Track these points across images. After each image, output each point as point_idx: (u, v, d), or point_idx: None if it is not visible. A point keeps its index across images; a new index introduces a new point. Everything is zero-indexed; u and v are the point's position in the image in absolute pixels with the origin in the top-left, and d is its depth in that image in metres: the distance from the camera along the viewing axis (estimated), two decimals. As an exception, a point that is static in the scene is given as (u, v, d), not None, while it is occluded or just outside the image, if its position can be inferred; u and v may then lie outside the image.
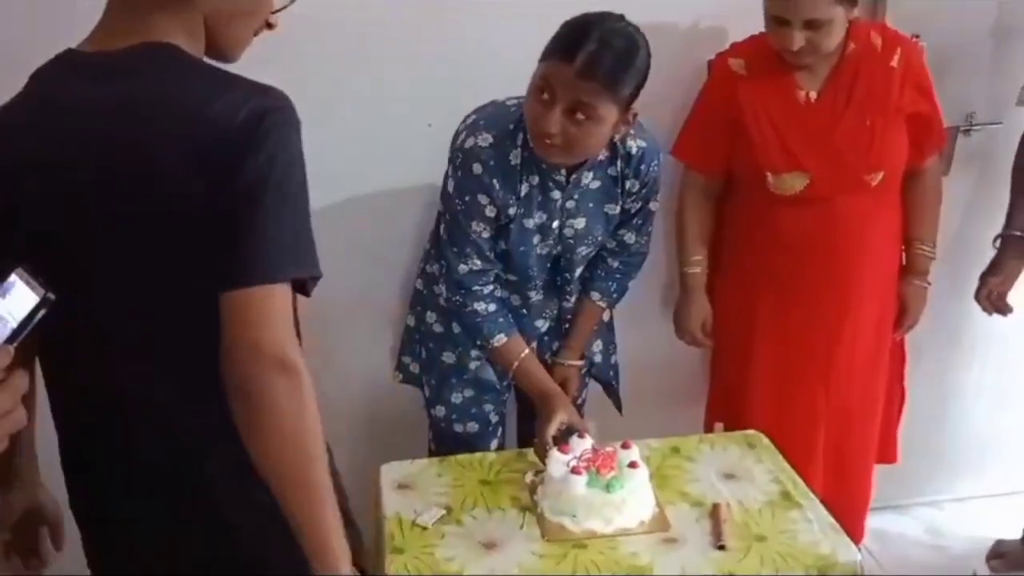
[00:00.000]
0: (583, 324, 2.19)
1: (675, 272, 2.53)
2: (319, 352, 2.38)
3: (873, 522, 2.60)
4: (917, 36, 2.27)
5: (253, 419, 1.21)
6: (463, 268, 1.98)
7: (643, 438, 2.00)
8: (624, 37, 1.78)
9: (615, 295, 2.19)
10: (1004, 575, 2.70)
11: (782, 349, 2.35)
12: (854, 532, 2.40)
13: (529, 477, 1.92)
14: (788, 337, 2.34)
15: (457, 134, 1.95)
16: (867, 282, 2.32)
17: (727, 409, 2.48)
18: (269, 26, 1.41)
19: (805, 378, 2.36)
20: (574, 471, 1.78)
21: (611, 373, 2.34)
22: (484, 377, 2.15)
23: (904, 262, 2.40)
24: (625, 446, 1.86)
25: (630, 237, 2.13)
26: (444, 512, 1.82)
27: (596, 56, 1.72)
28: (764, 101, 2.21)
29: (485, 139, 1.87)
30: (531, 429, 2.08)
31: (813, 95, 2.19)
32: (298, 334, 1.30)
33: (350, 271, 2.43)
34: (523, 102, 1.86)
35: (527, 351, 2.05)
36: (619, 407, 2.35)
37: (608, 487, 1.76)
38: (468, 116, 1.96)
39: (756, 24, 2.17)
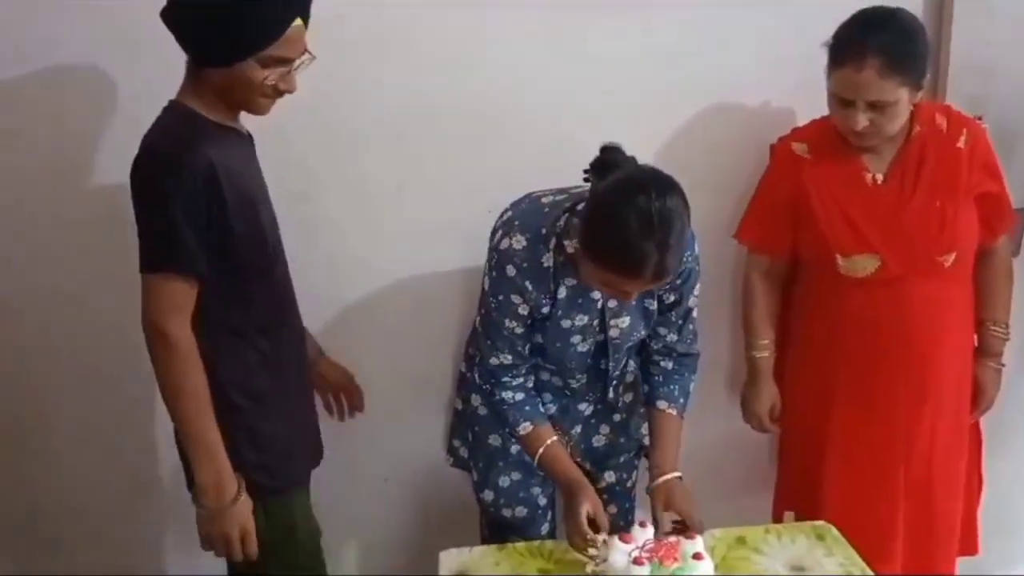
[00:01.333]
0: (664, 436, 2.06)
1: (740, 356, 2.50)
2: (377, 431, 2.42)
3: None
4: (980, 118, 2.23)
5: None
6: (494, 361, 1.98)
7: (708, 528, 1.95)
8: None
9: (681, 400, 2.10)
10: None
11: (858, 434, 2.28)
12: (934, 629, 2.30)
13: (591, 567, 1.87)
14: (865, 422, 2.27)
15: (494, 231, 1.95)
16: (944, 364, 2.25)
17: (798, 497, 2.41)
18: (278, 92, 1.75)
19: (884, 465, 2.28)
20: (636, 561, 1.74)
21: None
22: (529, 460, 2.11)
23: (977, 344, 2.33)
24: (689, 536, 1.81)
25: (672, 337, 2.09)
26: (503, 602, 1.79)
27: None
28: (830, 183, 2.19)
29: (519, 241, 1.87)
30: None
31: (880, 177, 2.17)
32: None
33: (405, 353, 2.48)
34: (555, 200, 1.89)
35: (553, 439, 2.01)
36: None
37: (671, 579, 1.71)
38: (505, 211, 1.96)
39: (820, 106, 2.16)
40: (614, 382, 2.12)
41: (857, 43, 2.01)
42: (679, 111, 2.40)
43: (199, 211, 1.66)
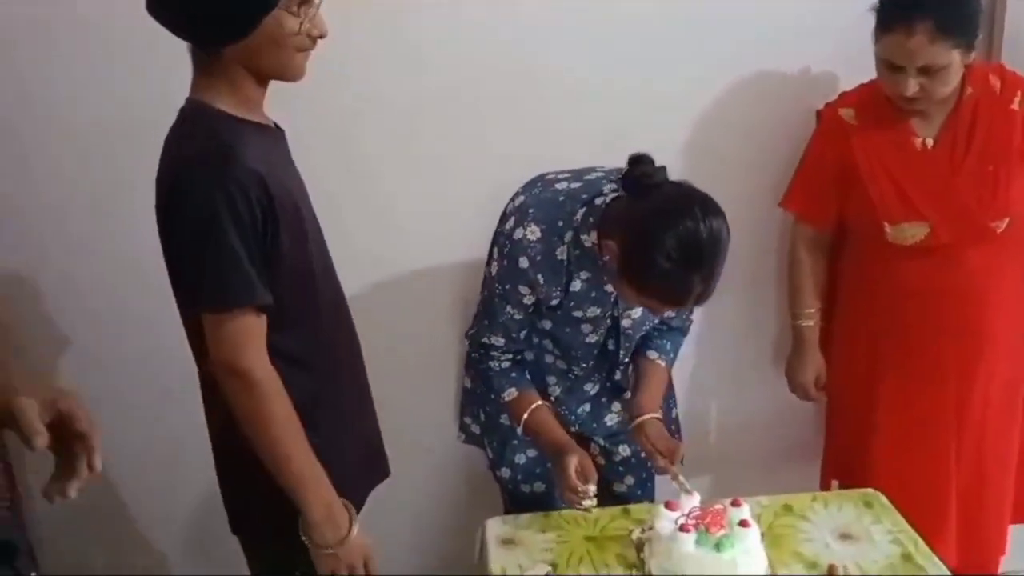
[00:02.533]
0: (650, 381, 2.06)
1: (786, 325, 2.48)
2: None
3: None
4: (1037, 78, 2.18)
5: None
6: (486, 340, 1.97)
7: (755, 495, 1.95)
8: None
9: (671, 354, 2.10)
10: None
11: (907, 404, 2.26)
12: (984, 599, 2.28)
13: (636, 534, 1.88)
14: (913, 391, 2.25)
15: (506, 216, 1.91)
16: (997, 333, 2.22)
17: (845, 467, 2.40)
18: (312, 40, 1.53)
19: (933, 434, 2.26)
20: (682, 529, 1.73)
21: (672, 427, 2.24)
22: None
23: None
24: (735, 503, 1.80)
25: (672, 317, 2.08)
26: (550, 568, 1.80)
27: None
28: (878, 150, 2.15)
29: (533, 232, 1.82)
30: (605, 484, 2.05)
31: (930, 142, 2.13)
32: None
33: (412, 331, 2.48)
34: (571, 187, 1.85)
35: (537, 404, 1.99)
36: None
37: (718, 546, 1.71)
38: (517, 195, 1.92)
39: (867, 70, 2.12)
40: (622, 366, 2.11)
41: (906, 6, 1.97)
42: (717, 80, 2.37)
43: (256, 231, 1.47)
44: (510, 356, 2.00)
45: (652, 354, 2.08)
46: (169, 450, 2.42)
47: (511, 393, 2.00)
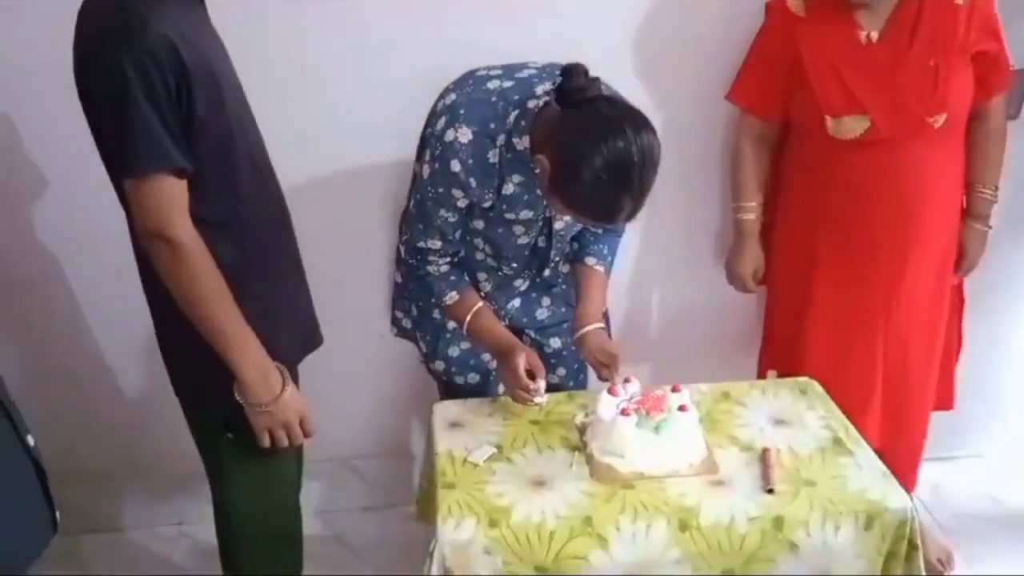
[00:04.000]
0: (591, 290, 2.09)
1: (727, 219, 2.52)
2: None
3: (926, 473, 2.58)
4: (988, -25, 2.19)
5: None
6: (422, 244, 1.95)
7: (695, 383, 2.00)
8: None
9: (608, 258, 2.11)
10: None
11: (842, 295, 2.32)
12: (907, 481, 2.39)
13: (579, 418, 1.93)
14: (848, 283, 2.31)
15: (436, 114, 1.87)
16: (929, 226, 2.27)
17: (782, 357, 2.46)
18: None
19: (865, 324, 2.33)
20: (623, 412, 1.79)
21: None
22: None
23: (965, 205, 2.35)
24: (675, 389, 1.86)
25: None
26: (495, 450, 1.84)
27: None
28: (824, 43, 2.16)
29: (464, 134, 1.79)
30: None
31: (875, 35, 2.14)
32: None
33: (344, 224, 2.47)
34: (503, 86, 1.82)
35: (479, 305, 2.01)
36: None
37: (657, 429, 1.77)
38: (447, 92, 1.88)
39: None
40: (552, 263, 2.11)
41: None
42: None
43: (170, 99, 1.48)
44: (448, 259, 1.99)
45: (590, 260, 2.10)
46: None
47: (452, 297, 2.00)
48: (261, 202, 1.73)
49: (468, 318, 2.00)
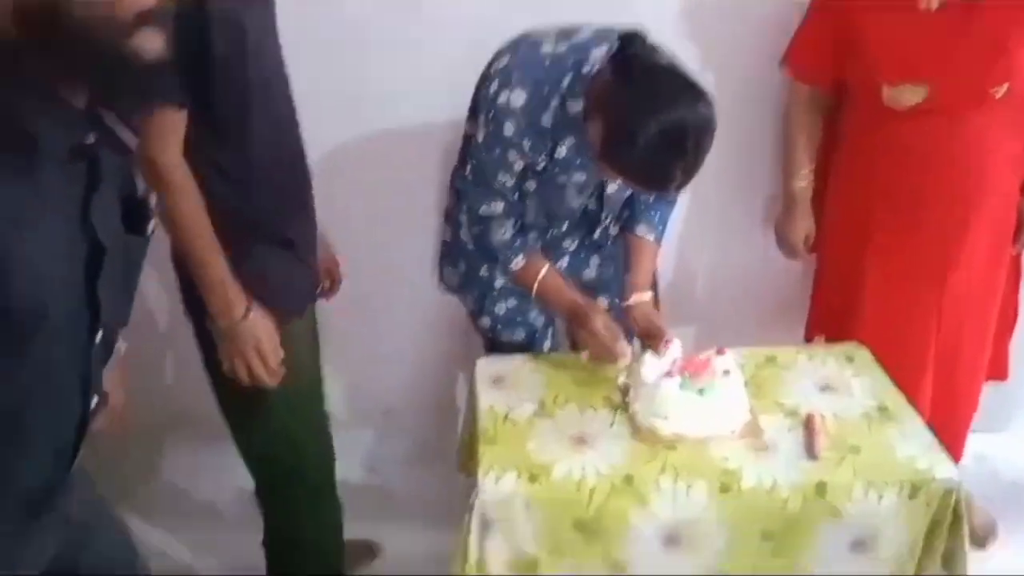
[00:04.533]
0: (642, 260, 2.09)
1: (778, 185, 2.48)
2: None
3: (972, 443, 2.54)
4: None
5: None
6: (485, 210, 1.94)
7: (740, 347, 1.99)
8: None
9: (660, 227, 2.10)
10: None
11: (894, 265, 2.28)
12: (954, 451, 2.35)
13: (622, 379, 1.93)
14: (901, 253, 2.27)
15: (488, 78, 1.85)
16: (987, 198, 2.22)
17: (831, 324, 2.43)
18: None
19: (918, 294, 2.29)
20: (668, 374, 1.79)
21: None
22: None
23: None
24: (719, 353, 1.85)
25: None
26: (537, 407, 1.85)
27: None
28: (883, 9, 2.11)
29: (519, 96, 1.78)
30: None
31: (935, 3, 2.09)
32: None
33: (396, 184, 2.47)
34: (557, 50, 1.80)
35: (547, 267, 2.00)
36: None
37: (701, 392, 1.76)
38: (499, 55, 1.86)
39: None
40: (601, 225, 2.11)
41: None
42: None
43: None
44: (511, 222, 1.98)
45: (641, 228, 2.09)
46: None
47: (519, 262, 2.00)
48: (279, 161, 1.77)
49: (536, 282, 2.00)
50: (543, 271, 2.00)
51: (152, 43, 1.10)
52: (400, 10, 2.27)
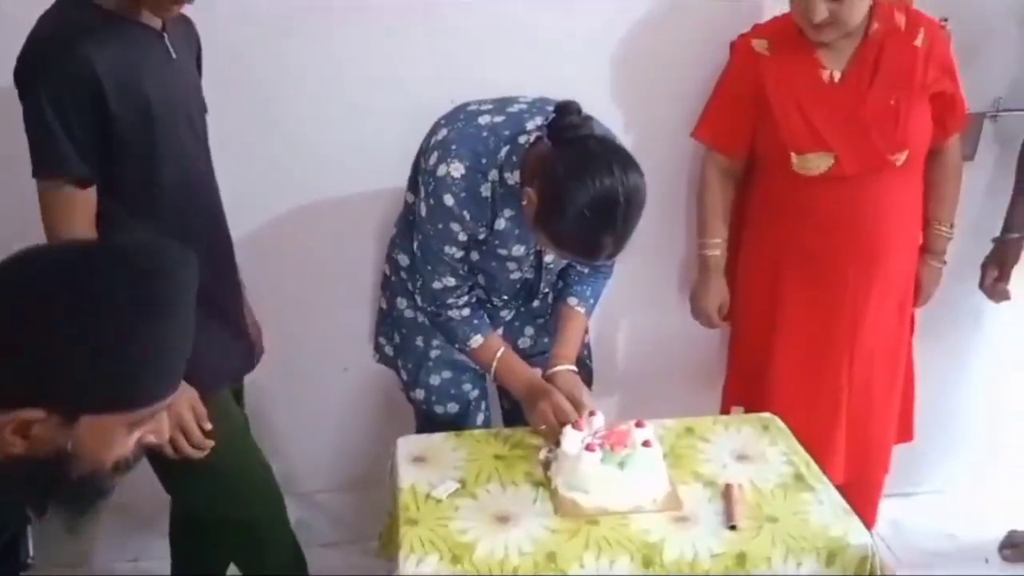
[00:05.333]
0: (568, 331, 2.10)
1: (692, 253, 2.53)
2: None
3: (885, 508, 2.59)
4: (945, 20, 2.24)
5: None
6: (437, 285, 1.96)
7: (659, 418, 2.01)
8: None
9: (591, 300, 2.13)
10: (1017, 565, 2.69)
11: (806, 330, 2.34)
12: (868, 517, 2.40)
13: (543, 454, 1.92)
14: (812, 317, 2.33)
15: (427, 150, 1.88)
16: (891, 261, 2.31)
17: (746, 392, 2.48)
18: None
19: (829, 358, 2.36)
20: (588, 448, 1.79)
21: (584, 352, 2.29)
22: (459, 359, 2.13)
23: (922, 242, 2.39)
24: (639, 425, 1.86)
25: None
26: (458, 485, 1.83)
27: None
28: (788, 81, 2.19)
29: (457, 168, 1.81)
30: (514, 404, 2.10)
31: (837, 75, 2.18)
32: None
33: (330, 252, 2.46)
34: (494, 121, 1.84)
35: (503, 348, 2.02)
36: (589, 384, 2.23)
37: (621, 464, 1.77)
38: (438, 127, 1.90)
39: (783, 4, 2.16)
40: (540, 295, 2.13)
41: None
42: (636, 9, 2.37)
43: (81, 112, 1.57)
44: (465, 298, 1.99)
45: (572, 300, 2.11)
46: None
47: (476, 340, 2.01)
48: (191, 222, 1.77)
49: (495, 362, 2.01)
50: (500, 350, 2.01)
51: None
52: (338, 74, 2.28)
